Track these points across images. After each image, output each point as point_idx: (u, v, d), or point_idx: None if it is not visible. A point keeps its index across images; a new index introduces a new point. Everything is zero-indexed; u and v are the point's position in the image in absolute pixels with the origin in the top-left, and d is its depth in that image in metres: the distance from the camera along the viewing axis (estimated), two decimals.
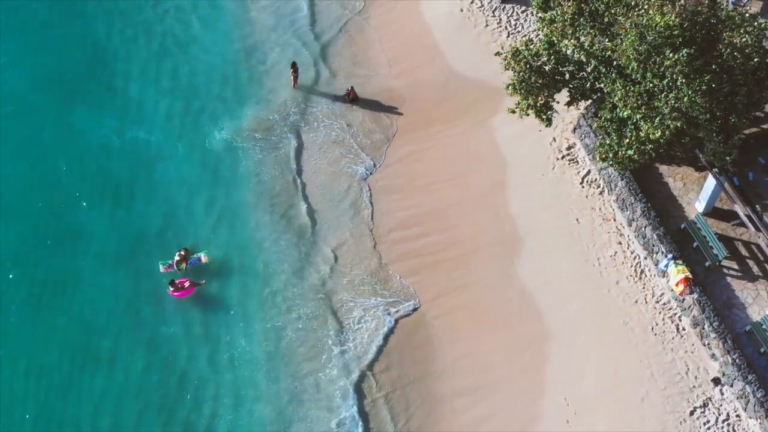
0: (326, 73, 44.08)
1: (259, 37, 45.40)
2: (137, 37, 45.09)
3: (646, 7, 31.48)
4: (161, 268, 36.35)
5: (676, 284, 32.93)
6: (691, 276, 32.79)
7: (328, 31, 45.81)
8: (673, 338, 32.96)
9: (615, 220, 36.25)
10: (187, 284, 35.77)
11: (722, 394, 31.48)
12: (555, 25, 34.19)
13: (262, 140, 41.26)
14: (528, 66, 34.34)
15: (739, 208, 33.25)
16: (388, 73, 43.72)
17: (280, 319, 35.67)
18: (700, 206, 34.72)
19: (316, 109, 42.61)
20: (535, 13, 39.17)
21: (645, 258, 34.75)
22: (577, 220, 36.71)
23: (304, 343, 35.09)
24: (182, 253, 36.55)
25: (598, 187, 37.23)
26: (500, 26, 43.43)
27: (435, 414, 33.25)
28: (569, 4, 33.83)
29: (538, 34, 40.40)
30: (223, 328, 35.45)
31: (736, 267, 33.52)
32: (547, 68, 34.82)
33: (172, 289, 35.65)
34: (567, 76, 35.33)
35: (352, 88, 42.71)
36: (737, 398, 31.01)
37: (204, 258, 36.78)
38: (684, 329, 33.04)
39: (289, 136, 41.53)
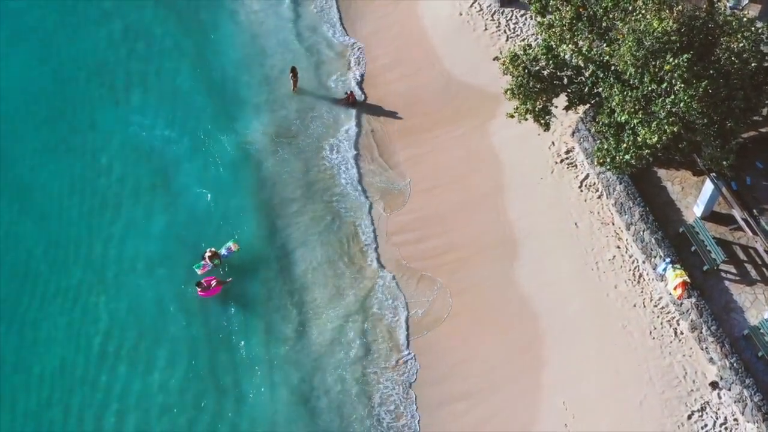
0: (326, 77, 44.20)
1: (260, 43, 45.45)
2: (145, 41, 45.60)
3: (643, 11, 31.51)
4: (198, 271, 36.50)
5: (674, 288, 33.03)
6: (689, 280, 32.88)
7: (328, 36, 45.92)
8: (671, 342, 33.07)
9: (613, 223, 36.35)
10: (213, 283, 35.96)
11: (720, 397, 31.59)
12: (553, 29, 34.21)
13: (275, 143, 41.58)
14: (526, 71, 34.39)
15: (737, 213, 33.34)
16: (387, 77, 43.82)
17: (305, 318, 35.98)
18: (698, 210, 34.79)
19: (317, 113, 42.74)
20: (533, 16, 39.22)
21: (643, 262, 34.86)
22: (576, 223, 36.81)
23: (328, 345, 35.48)
24: (212, 249, 36.78)
25: (597, 190, 37.33)
26: (499, 30, 43.47)
27: (435, 418, 33.52)
28: (567, 8, 33.87)
29: (537, 38, 40.49)
30: (247, 327, 35.73)
31: (734, 271, 33.57)
32: (545, 73, 34.88)
33: (199, 289, 35.86)
34: (565, 80, 35.37)
35: (351, 92, 42.86)
36: (735, 402, 31.12)
37: (234, 246, 37.04)
38: (682, 333, 33.15)
39: (295, 139, 41.77)
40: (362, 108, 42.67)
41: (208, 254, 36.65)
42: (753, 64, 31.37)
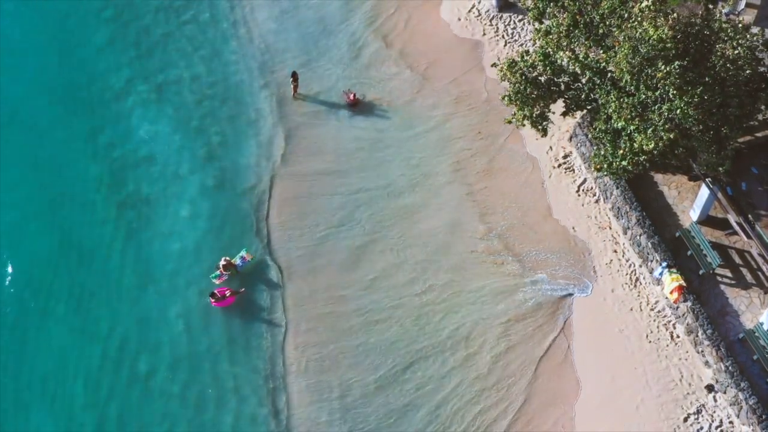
0: (327, 81, 44.27)
1: (260, 47, 45.69)
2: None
3: (639, 18, 31.72)
4: (216, 281, 36.50)
5: (671, 292, 33.38)
6: (685, 284, 33.24)
7: (329, 41, 46.03)
8: (667, 346, 33.41)
9: (611, 228, 36.67)
10: (227, 293, 36.02)
11: (715, 401, 31.94)
12: (550, 36, 34.50)
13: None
14: (524, 77, 34.68)
15: (732, 217, 33.64)
16: (385, 82, 43.96)
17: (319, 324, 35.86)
18: (694, 215, 35.09)
19: (320, 116, 42.75)
20: (531, 22, 39.40)
21: (640, 266, 35.19)
22: (574, 228, 37.15)
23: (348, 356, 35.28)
24: (227, 258, 36.88)
25: (594, 195, 37.65)
26: (497, 35, 43.75)
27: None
28: (564, 15, 34.12)
29: (535, 43, 40.68)
30: (260, 338, 35.55)
31: (729, 275, 33.91)
32: (542, 79, 35.15)
33: (213, 300, 35.92)
34: (562, 86, 35.63)
35: (354, 94, 42.93)
36: (730, 405, 31.47)
37: (247, 255, 37.13)
38: (678, 337, 33.50)
39: (305, 141, 41.95)
40: (364, 110, 42.61)
41: (222, 263, 36.69)
42: (747, 71, 31.58)
